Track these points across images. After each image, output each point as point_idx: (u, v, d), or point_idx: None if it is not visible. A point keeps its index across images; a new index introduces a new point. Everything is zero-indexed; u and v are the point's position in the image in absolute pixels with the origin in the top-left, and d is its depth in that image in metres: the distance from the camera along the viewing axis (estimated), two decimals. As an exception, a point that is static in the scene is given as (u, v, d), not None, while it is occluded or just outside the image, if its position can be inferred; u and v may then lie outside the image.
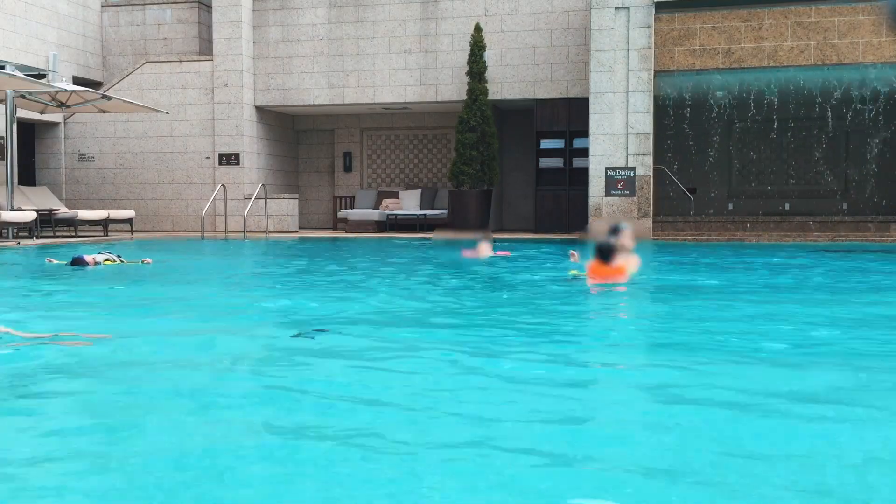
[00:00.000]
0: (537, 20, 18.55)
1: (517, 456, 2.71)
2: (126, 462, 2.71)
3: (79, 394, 3.70)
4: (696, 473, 2.57)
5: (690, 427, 3.08)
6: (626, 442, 2.92)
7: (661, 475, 2.54)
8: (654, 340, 5.31)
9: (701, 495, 2.40)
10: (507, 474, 2.54)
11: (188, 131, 19.88)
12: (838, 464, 2.69)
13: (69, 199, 20.04)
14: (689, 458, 2.71)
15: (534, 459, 2.69)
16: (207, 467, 2.65)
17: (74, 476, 2.59)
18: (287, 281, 9.19)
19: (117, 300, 7.37)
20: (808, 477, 2.55)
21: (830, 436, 2.99)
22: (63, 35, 20.01)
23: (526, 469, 2.61)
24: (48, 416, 3.33)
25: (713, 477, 2.54)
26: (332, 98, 19.62)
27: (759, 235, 16.48)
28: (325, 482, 2.50)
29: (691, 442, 2.90)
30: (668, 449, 2.82)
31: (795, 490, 2.44)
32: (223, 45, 19.56)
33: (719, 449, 2.81)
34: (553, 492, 2.41)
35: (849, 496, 2.42)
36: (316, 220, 22.37)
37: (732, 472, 2.56)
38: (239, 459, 2.71)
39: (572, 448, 2.83)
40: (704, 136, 19.27)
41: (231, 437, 2.98)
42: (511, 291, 7.89)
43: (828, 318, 5.99)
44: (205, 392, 3.64)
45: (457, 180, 18.08)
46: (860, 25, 15.93)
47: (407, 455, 2.77)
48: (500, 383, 3.81)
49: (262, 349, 4.83)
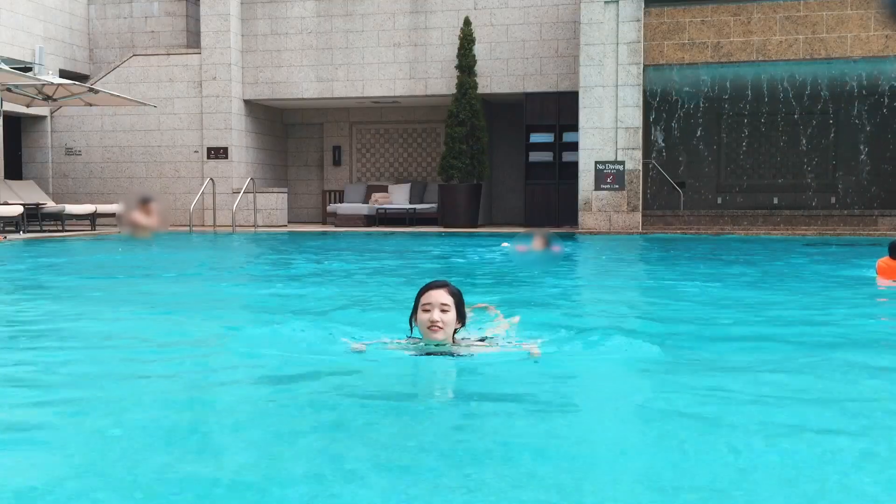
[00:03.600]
0: (527, 14, 18.53)
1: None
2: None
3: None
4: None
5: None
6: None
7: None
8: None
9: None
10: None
11: (176, 125, 19.77)
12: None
13: (56, 193, 19.91)
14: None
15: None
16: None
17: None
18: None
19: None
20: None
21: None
22: (49, 28, 19.86)
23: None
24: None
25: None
26: (321, 92, 19.55)
27: (747, 229, 16.53)
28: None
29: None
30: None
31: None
32: (211, 39, 19.46)
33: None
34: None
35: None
36: (305, 214, 22.30)
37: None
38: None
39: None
40: (693, 130, 19.30)
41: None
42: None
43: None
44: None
45: (446, 174, 18.06)
46: (848, 20, 15.98)
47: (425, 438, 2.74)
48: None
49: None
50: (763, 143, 19.70)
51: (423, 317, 3.85)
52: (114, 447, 2.77)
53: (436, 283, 3.95)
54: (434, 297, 3.84)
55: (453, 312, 3.86)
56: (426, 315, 3.83)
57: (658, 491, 2.37)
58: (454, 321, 3.88)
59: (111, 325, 5.51)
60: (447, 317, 3.84)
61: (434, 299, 3.84)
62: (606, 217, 16.79)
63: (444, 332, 3.84)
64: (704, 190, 19.88)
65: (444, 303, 3.83)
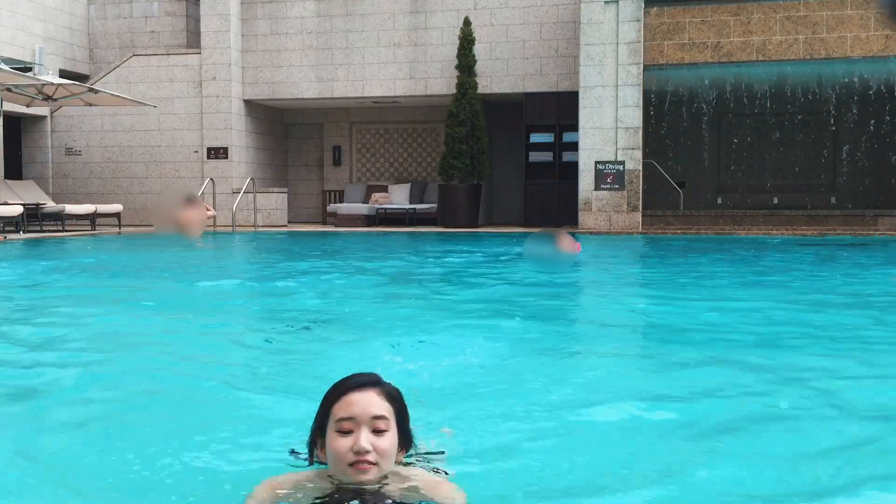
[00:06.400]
0: (527, 14, 18.52)
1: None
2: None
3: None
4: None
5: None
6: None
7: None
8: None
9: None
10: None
11: (176, 125, 19.77)
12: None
13: (56, 193, 19.90)
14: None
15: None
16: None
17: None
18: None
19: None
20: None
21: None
22: (49, 28, 19.86)
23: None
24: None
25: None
26: (321, 92, 19.54)
27: (747, 229, 16.52)
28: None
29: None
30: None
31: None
32: (211, 38, 19.45)
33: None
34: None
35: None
36: (305, 214, 22.29)
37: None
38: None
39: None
40: (693, 130, 19.29)
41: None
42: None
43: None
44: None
45: (446, 174, 18.05)
46: (848, 20, 15.97)
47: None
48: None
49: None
50: (763, 143, 19.69)
51: (340, 444, 2.12)
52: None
53: (359, 377, 2.20)
54: (360, 406, 2.13)
55: (393, 433, 2.16)
56: (345, 441, 2.11)
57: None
58: (394, 451, 2.17)
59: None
60: (383, 442, 2.13)
61: (361, 409, 2.12)
62: (606, 217, 16.79)
63: (379, 468, 2.12)
64: (704, 190, 19.87)
65: (376, 416, 2.13)
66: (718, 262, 10.81)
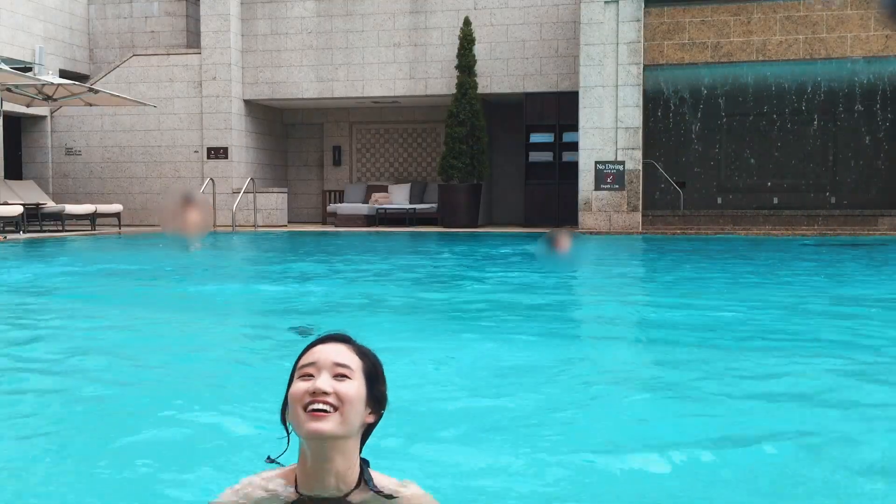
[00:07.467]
0: (527, 14, 18.52)
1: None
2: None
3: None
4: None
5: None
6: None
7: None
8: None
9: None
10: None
11: (176, 125, 19.76)
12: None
13: (56, 193, 19.89)
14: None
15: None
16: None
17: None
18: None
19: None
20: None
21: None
22: (49, 28, 19.85)
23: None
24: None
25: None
26: (321, 92, 19.53)
27: (747, 229, 16.52)
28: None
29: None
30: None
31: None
32: (211, 38, 19.45)
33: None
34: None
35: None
36: (305, 214, 22.28)
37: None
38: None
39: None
40: (693, 130, 19.29)
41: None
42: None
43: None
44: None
45: (446, 174, 18.05)
46: (848, 20, 15.97)
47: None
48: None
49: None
50: (763, 143, 19.68)
51: (298, 386, 1.95)
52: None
53: (331, 335, 2.04)
54: (324, 353, 1.97)
55: (358, 383, 1.97)
56: (304, 384, 1.94)
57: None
58: (359, 402, 1.96)
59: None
60: (345, 387, 1.93)
61: (324, 356, 1.97)
62: (606, 217, 16.78)
63: (337, 419, 1.91)
64: (704, 190, 19.86)
65: (339, 363, 1.96)
66: (727, 262, 10.80)
